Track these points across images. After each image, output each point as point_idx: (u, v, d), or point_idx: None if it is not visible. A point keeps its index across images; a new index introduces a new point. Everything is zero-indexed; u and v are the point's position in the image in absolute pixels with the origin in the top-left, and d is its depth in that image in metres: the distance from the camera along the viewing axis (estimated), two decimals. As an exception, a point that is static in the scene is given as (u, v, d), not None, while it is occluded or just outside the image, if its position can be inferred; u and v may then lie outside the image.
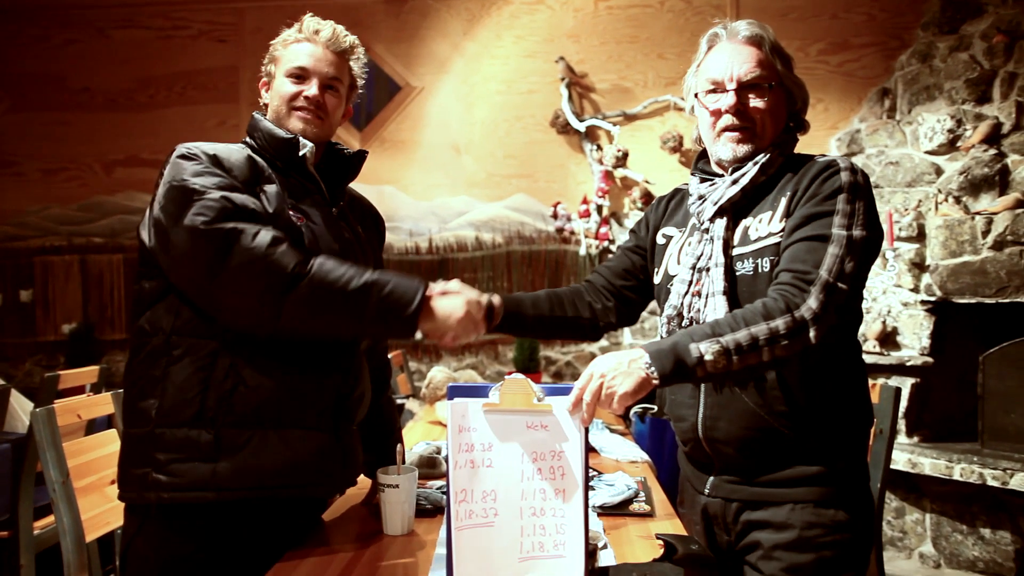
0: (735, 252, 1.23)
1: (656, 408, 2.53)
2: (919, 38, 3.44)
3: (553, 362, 3.98)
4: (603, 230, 3.83)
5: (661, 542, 1.20)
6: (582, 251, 3.87)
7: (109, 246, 4.18)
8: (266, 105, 1.37)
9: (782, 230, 1.19)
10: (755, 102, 1.23)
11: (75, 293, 4.19)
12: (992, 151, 2.88)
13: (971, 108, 3.02)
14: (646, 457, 2.08)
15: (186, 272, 1.17)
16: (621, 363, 1.08)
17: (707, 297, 1.22)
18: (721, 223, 1.25)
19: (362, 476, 1.48)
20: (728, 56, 1.25)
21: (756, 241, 1.21)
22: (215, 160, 1.21)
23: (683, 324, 1.25)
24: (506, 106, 4.03)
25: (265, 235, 1.14)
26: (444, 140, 4.06)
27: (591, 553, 1.16)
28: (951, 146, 3.02)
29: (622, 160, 3.79)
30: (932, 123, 3.07)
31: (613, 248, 3.88)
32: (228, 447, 1.18)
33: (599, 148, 3.87)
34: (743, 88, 1.23)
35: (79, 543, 1.42)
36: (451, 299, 1.26)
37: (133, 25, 4.21)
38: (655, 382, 1.07)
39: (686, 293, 1.26)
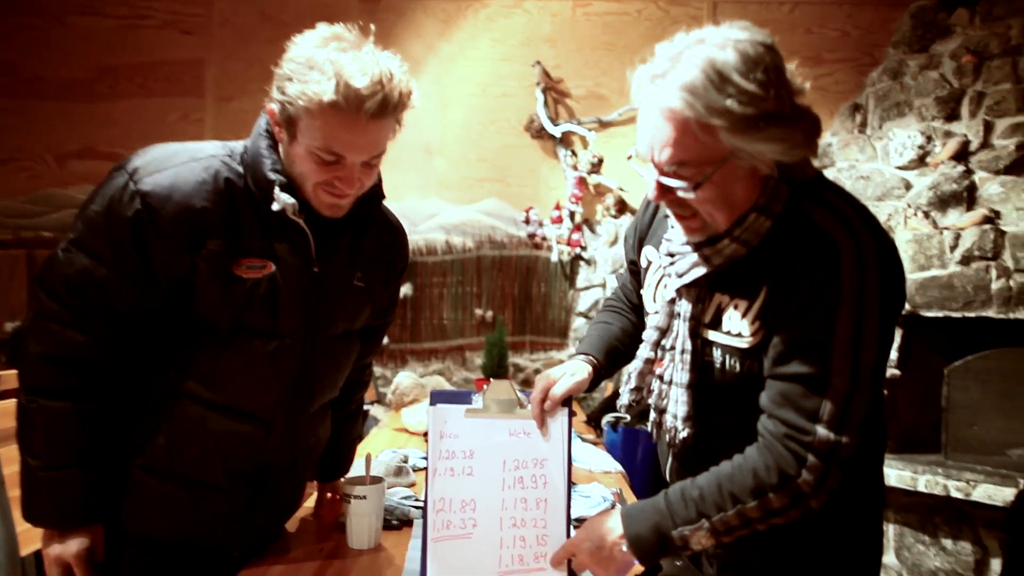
0: (707, 335, 1.03)
1: (628, 417, 2.50)
2: (890, 56, 3.49)
3: (521, 369, 3.92)
4: (575, 237, 3.80)
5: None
6: (554, 257, 3.83)
7: (59, 241, 3.99)
8: (279, 129, 1.12)
9: (754, 333, 0.97)
10: (685, 195, 0.95)
11: (20, 290, 3.98)
12: (960, 167, 2.92)
13: (940, 125, 3.07)
14: (619, 467, 2.04)
15: None
16: (603, 548, 1.01)
17: (670, 385, 1.06)
18: (687, 303, 1.04)
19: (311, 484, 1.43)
20: (647, 125, 0.95)
21: (727, 333, 1.01)
22: (148, 216, 1.06)
23: (642, 400, 1.12)
24: (480, 109, 3.98)
25: (52, 344, 1.10)
26: (416, 141, 3.99)
27: (572, 569, 1.10)
28: (920, 162, 3.06)
29: (597, 166, 3.77)
30: (903, 139, 3.11)
31: (585, 255, 3.85)
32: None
33: (573, 154, 3.84)
34: (667, 175, 0.95)
35: (12, 557, 1.31)
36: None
37: (93, 12, 4.04)
38: (637, 563, 1.01)
39: (648, 372, 1.10)
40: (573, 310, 3.89)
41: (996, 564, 2.77)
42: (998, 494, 2.63)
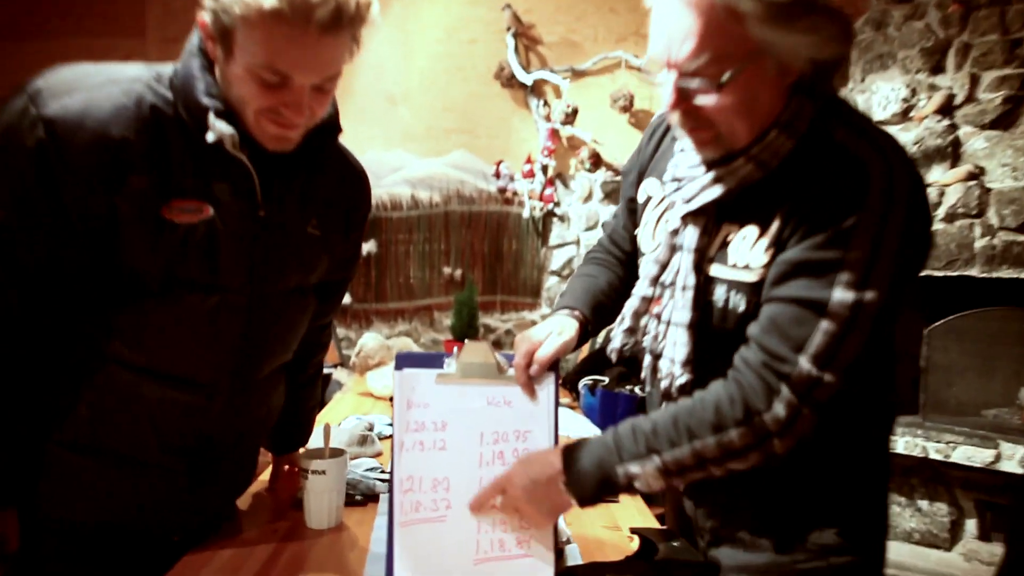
0: (710, 270, 0.93)
1: (607, 380, 2.39)
2: (873, 5, 3.37)
3: (492, 330, 3.79)
4: (548, 192, 3.64)
5: (633, 536, 1.04)
6: (525, 213, 3.67)
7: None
8: (213, 44, 0.93)
9: (766, 266, 0.87)
10: (703, 99, 0.84)
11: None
12: (945, 122, 2.84)
13: (925, 78, 2.97)
14: (599, 433, 1.93)
15: None
16: (538, 484, 0.91)
17: (668, 325, 0.96)
18: (693, 232, 0.93)
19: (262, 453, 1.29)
20: (664, 22, 0.83)
21: (733, 267, 0.90)
22: (53, 146, 0.88)
23: (636, 344, 1.01)
24: (446, 56, 3.76)
25: None
26: (378, 90, 3.75)
27: (559, 552, 0.98)
28: (904, 116, 2.97)
29: (571, 117, 3.59)
30: (886, 92, 3.01)
31: (558, 211, 3.70)
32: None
33: (546, 104, 3.65)
34: (686, 76, 0.84)
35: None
36: None
37: (20, -59, 3.70)
38: (575, 505, 0.92)
39: (644, 312, 1.00)
40: (546, 268, 3.75)
41: (971, 525, 2.77)
42: (977, 455, 2.61)
